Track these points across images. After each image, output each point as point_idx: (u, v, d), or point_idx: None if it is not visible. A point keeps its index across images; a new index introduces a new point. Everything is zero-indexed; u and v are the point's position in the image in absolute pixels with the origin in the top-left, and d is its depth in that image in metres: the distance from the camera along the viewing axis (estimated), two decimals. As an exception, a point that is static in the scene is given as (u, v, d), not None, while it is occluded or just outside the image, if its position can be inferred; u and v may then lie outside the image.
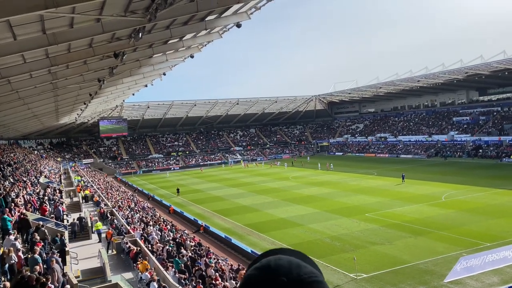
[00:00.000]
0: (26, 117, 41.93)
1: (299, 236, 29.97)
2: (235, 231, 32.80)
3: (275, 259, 1.13)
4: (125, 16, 16.55)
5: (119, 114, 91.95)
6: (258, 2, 22.08)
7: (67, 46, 19.34)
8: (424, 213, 33.46)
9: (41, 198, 25.40)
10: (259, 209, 40.21)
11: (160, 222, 33.19)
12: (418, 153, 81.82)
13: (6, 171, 30.09)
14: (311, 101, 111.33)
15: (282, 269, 1.08)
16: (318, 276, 1.10)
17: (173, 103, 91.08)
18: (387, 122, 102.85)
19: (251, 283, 1.09)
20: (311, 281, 1.07)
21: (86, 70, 25.64)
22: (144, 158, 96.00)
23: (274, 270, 1.08)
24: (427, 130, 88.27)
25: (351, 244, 26.84)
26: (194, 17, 21.40)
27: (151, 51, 26.86)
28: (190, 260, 21.26)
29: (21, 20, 13.52)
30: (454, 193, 40.96)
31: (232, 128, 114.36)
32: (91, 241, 25.29)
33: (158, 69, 36.35)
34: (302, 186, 52.81)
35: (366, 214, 34.59)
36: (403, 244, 26.06)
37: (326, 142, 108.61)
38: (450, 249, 24.23)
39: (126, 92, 49.83)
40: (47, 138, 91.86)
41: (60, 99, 35.47)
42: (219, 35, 28.19)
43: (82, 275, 18.20)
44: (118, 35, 20.44)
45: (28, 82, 23.86)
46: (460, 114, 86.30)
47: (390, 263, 22.92)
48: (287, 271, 1.08)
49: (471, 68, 66.11)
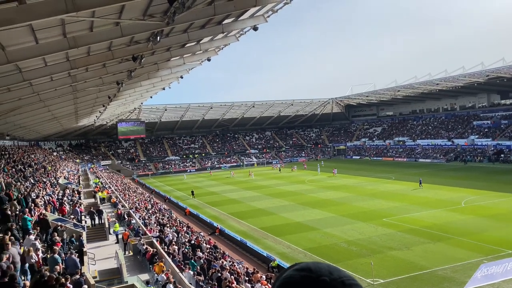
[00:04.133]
0: (46, 119, 42.73)
1: (315, 240, 29.76)
2: (250, 234, 32.76)
3: (313, 263, 1.16)
4: (143, 20, 16.73)
5: (137, 117, 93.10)
6: (275, 5, 22.07)
7: (87, 50, 19.64)
8: (443, 219, 32.86)
9: (60, 199, 25.82)
10: (274, 212, 40.09)
11: (177, 224, 33.40)
12: (437, 158, 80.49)
13: (27, 172, 30.72)
14: (328, 104, 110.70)
15: (323, 270, 1.12)
16: (356, 281, 1.14)
17: (189, 106, 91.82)
18: (406, 126, 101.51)
19: (291, 282, 1.12)
20: (350, 283, 1.11)
21: (105, 73, 26.02)
22: (161, 160, 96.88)
23: (315, 271, 1.12)
24: (447, 134, 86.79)
25: (368, 249, 26.51)
26: (211, 20, 21.52)
27: (169, 55, 27.09)
28: (206, 262, 21.32)
29: (43, 24, 13.79)
30: (474, 198, 40.11)
31: (248, 131, 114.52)
32: (108, 242, 25.60)
33: (175, 72, 36.64)
34: (318, 189, 52.46)
35: (384, 219, 34.16)
36: (421, 250, 25.62)
37: (343, 146, 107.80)
38: (470, 256, 23.72)
39: (144, 94, 50.40)
40: (66, 140, 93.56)
41: (79, 101, 36.04)
42: (236, 38, 28.26)
43: (99, 275, 18.42)
44: (137, 39, 20.69)
45: (49, 84, 24.31)
46: (481, 117, 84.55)
47: (408, 269, 22.56)
48: (327, 273, 1.12)
49: (492, 71, 64.79)
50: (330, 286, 1.09)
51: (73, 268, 13.68)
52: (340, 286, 1.09)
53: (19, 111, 29.99)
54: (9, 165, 29.86)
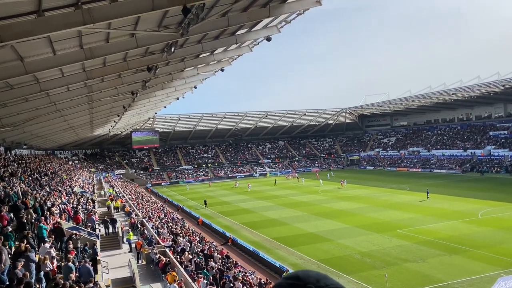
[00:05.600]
0: (62, 128, 43.46)
1: (328, 251, 29.46)
2: (263, 245, 32.59)
3: (303, 271, 1.24)
4: (158, 31, 17.00)
5: (151, 126, 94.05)
6: (289, 15, 22.22)
7: (103, 60, 20.01)
8: (459, 230, 32.26)
9: (75, 208, 26.10)
10: (288, 222, 39.86)
11: (189, 233, 33.42)
12: (452, 168, 79.29)
13: (43, 181, 31.17)
14: (341, 113, 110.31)
15: (310, 278, 1.18)
16: (342, 287, 1.20)
17: (203, 115, 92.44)
18: (420, 136, 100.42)
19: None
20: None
21: (120, 83, 26.42)
22: (175, 169, 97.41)
23: (302, 279, 1.18)
24: (462, 144, 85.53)
25: (382, 261, 26.13)
26: (225, 31, 21.75)
27: (183, 65, 27.42)
28: (218, 272, 21.26)
29: (60, 36, 14.11)
30: (492, 210, 39.32)
31: (261, 141, 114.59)
32: (121, 250, 25.71)
33: (189, 83, 37.03)
34: (332, 200, 52.06)
35: (398, 230, 33.68)
36: (437, 262, 25.15)
37: (356, 156, 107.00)
38: (487, 269, 23.20)
39: (158, 104, 50.96)
40: (81, 149, 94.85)
41: (95, 111, 36.61)
42: (249, 49, 28.48)
43: (112, 284, 18.47)
44: (152, 50, 21.00)
45: (66, 95, 24.79)
46: (498, 128, 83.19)
47: (423, 281, 22.15)
48: (314, 280, 1.17)
49: (509, 81, 63.89)
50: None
51: (87, 277, 13.77)
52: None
53: (36, 121, 30.58)
54: (26, 173, 30.35)
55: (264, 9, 19.33)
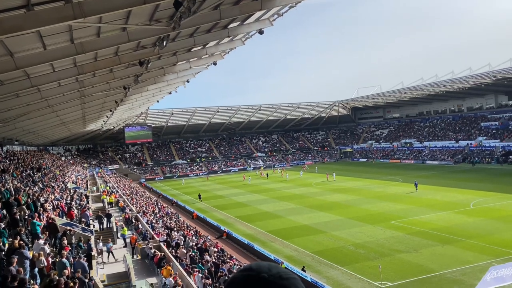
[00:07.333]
0: (54, 124, 43.13)
1: (322, 243, 29.67)
2: (258, 238, 32.73)
3: (256, 263, 1.32)
4: (150, 25, 16.87)
5: (144, 121, 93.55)
6: (281, 8, 22.14)
7: (94, 55, 19.84)
8: (452, 221, 32.61)
9: (68, 203, 25.99)
10: (282, 215, 40.04)
11: (184, 227, 33.45)
12: (444, 159, 79.95)
13: (36, 177, 30.96)
14: (334, 106, 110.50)
15: (262, 268, 1.27)
16: (293, 274, 1.29)
17: (196, 110, 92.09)
18: (412, 128, 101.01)
19: (235, 282, 1.28)
20: (288, 277, 1.26)
21: (112, 78, 26.23)
22: (168, 164, 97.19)
23: (256, 269, 1.27)
24: (454, 135, 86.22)
25: (376, 252, 26.37)
26: (217, 24, 21.64)
27: (175, 59, 27.26)
28: (213, 266, 21.34)
29: (50, 31, 13.96)
30: (483, 200, 39.77)
31: (255, 134, 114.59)
32: (116, 246, 25.68)
33: (182, 77, 36.84)
34: (326, 192, 52.31)
35: (391, 221, 33.97)
36: (430, 253, 25.44)
37: (349, 148, 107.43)
38: (479, 258, 23.51)
39: (151, 99, 50.68)
40: (74, 145, 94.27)
41: (87, 106, 36.35)
42: (242, 42, 28.37)
43: (107, 279, 18.50)
44: (143, 44, 20.86)
45: (57, 90, 24.58)
46: (489, 119, 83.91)
47: (416, 271, 22.41)
48: (266, 270, 1.26)
49: (499, 72, 64.32)
50: (269, 281, 1.23)
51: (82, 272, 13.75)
52: (278, 280, 1.23)
53: (28, 117, 30.33)
54: (18, 170, 30.11)
55: (256, 2, 19.22)
